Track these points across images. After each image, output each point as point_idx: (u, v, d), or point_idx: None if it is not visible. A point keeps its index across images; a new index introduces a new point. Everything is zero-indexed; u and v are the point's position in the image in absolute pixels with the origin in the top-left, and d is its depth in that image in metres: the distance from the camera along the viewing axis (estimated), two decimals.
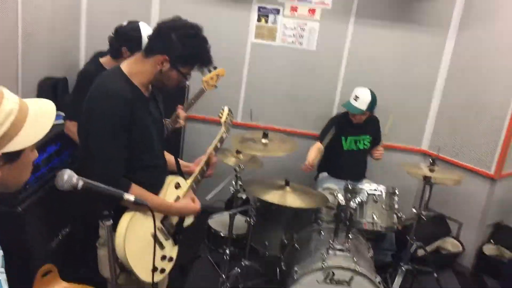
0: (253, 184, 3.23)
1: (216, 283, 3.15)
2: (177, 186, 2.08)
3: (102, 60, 2.91)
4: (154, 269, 1.77)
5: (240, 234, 3.57)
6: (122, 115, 1.75)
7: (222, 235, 3.58)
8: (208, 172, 2.29)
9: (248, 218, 3.24)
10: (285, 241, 3.28)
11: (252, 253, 3.43)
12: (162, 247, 1.97)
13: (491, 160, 3.77)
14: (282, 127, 4.21)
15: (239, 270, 3.23)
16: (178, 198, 2.08)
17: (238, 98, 4.25)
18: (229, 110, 2.53)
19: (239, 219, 3.63)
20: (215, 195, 3.45)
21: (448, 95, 4.05)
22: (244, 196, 3.95)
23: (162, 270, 1.97)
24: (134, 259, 1.81)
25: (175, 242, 2.07)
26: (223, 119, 2.46)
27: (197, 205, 2.11)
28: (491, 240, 4.03)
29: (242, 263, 3.26)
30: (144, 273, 1.84)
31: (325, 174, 4.00)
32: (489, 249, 3.98)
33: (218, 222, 3.73)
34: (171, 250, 2.05)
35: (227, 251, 3.22)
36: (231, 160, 3.33)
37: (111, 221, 1.45)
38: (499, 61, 3.68)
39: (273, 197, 3.04)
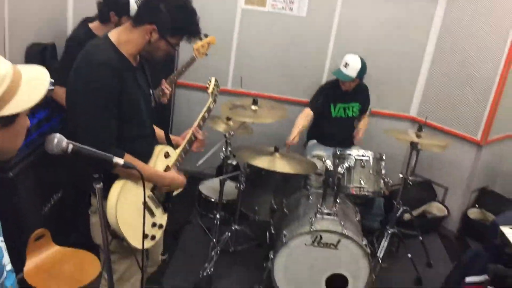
0: (243, 150, 3.27)
1: (207, 247, 3.23)
2: (167, 155, 2.10)
3: (91, 25, 2.89)
4: (145, 236, 1.81)
5: (231, 200, 3.64)
6: (111, 85, 1.75)
7: (213, 200, 3.65)
8: (196, 146, 2.30)
9: (238, 184, 3.30)
10: (275, 206, 3.35)
11: (242, 218, 3.51)
12: (152, 214, 2.01)
13: (478, 126, 3.83)
14: (272, 94, 4.23)
15: (229, 235, 3.30)
16: (167, 167, 2.10)
17: (228, 65, 4.24)
18: (216, 80, 2.53)
19: (230, 185, 3.70)
20: (206, 161, 3.48)
21: (437, 62, 4.06)
22: (234, 163, 4.01)
23: (153, 237, 2.02)
24: (126, 227, 1.85)
25: (165, 210, 2.11)
26: (210, 90, 2.46)
27: (183, 178, 2.14)
28: (476, 205, 4.13)
29: (232, 227, 3.34)
30: (135, 240, 1.88)
31: (314, 141, 4.05)
32: (474, 213, 4.09)
33: (209, 188, 3.80)
34: (161, 217, 2.09)
35: (218, 216, 3.29)
36: (221, 127, 3.36)
37: (101, 184, 1.48)
38: (489, 29, 3.69)
39: (262, 162, 3.08)
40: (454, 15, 3.91)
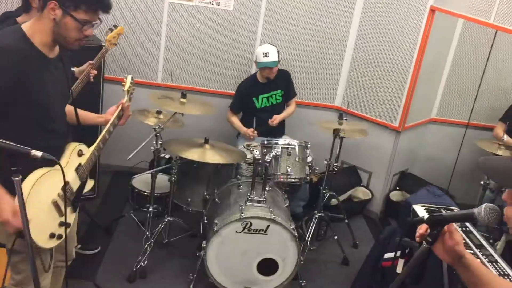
0: (174, 143, 3.32)
1: (141, 240, 3.26)
2: (80, 153, 2.03)
3: (19, 19, 2.78)
4: (52, 235, 1.79)
5: (164, 192, 3.68)
6: (5, 70, 1.72)
7: (146, 194, 3.67)
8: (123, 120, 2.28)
9: (170, 176, 3.35)
10: (207, 196, 3.43)
11: (176, 209, 3.56)
12: (61, 213, 1.92)
13: (396, 113, 4.09)
14: (202, 88, 4.28)
15: (163, 226, 3.35)
16: (79, 165, 2.01)
17: (158, 59, 4.24)
18: (132, 79, 2.44)
19: (162, 178, 3.73)
20: (138, 156, 3.49)
21: (359, 52, 4.28)
22: (167, 156, 4.05)
23: (59, 236, 1.91)
24: (32, 225, 1.70)
25: (74, 209, 2.03)
26: (126, 87, 2.37)
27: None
28: (397, 187, 4.42)
29: (166, 219, 3.38)
30: (41, 239, 1.80)
31: None
32: (395, 195, 4.38)
33: (141, 182, 3.81)
34: (69, 216, 1.97)
35: (151, 209, 3.32)
36: (151, 120, 3.38)
37: (20, 176, 1.48)
38: (404, 20, 3.94)
39: (193, 154, 3.15)
40: (372, 4, 4.12)
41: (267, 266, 3.02)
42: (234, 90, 4.16)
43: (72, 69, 2.97)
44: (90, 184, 2.13)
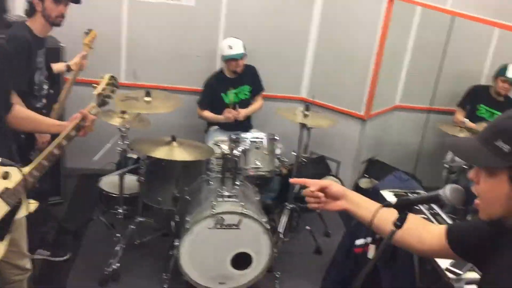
0: (141, 142, 3.27)
1: (112, 243, 3.20)
2: (5, 176, 1.84)
3: (28, 23, 2.86)
4: None
5: (133, 193, 3.62)
6: None
7: (115, 195, 3.61)
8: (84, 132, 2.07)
9: (138, 176, 3.30)
10: (177, 194, 3.39)
11: (146, 210, 3.52)
12: None
13: (360, 102, 4.15)
14: (167, 85, 4.23)
15: (134, 227, 3.30)
16: (6, 189, 1.84)
17: (119, 57, 4.17)
18: (113, 78, 2.18)
19: (131, 179, 3.67)
20: (105, 158, 3.44)
21: (321, 43, 4.32)
22: (135, 156, 3.99)
23: None
24: None
25: (1, 238, 1.88)
26: (97, 90, 2.13)
27: None
28: (365, 175, 4.50)
29: (137, 220, 3.34)
30: None
31: (215, 127, 4.14)
32: (364, 183, 4.44)
33: (110, 183, 3.74)
34: None
35: (120, 211, 3.27)
36: (115, 121, 3.31)
37: None
38: (364, 10, 4.00)
39: (161, 153, 3.11)
40: None
41: (241, 260, 3.02)
42: (199, 86, 4.13)
43: (67, 63, 3.29)
44: (31, 206, 1.95)
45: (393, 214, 1.29)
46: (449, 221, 2.57)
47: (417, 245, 1.45)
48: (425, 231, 1.46)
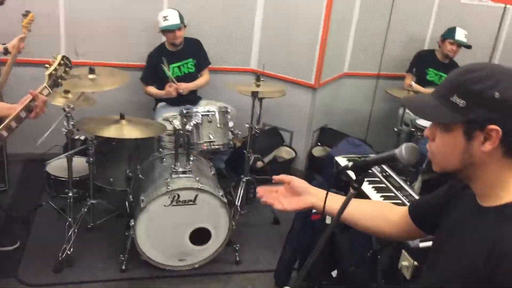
0: (88, 122, 3.14)
1: (63, 228, 3.08)
2: None
3: None
4: None
5: (83, 175, 3.50)
6: None
7: (63, 179, 3.47)
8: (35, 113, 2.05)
9: (87, 158, 3.18)
10: (130, 174, 3.31)
11: (99, 191, 3.41)
12: None
13: (310, 70, 4.15)
14: (112, 62, 4.06)
15: (86, 210, 3.20)
16: None
17: (59, 35, 3.95)
18: (65, 58, 2.15)
19: (80, 161, 3.54)
20: (51, 141, 3.29)
21: (269, 13, 4.24)
22: (82, 137, 3.84)
23: None
24: None
25: None
26: (49, 70, 2.09)
27: None
28: (318, 143, 4.54)
29: (89, 203, 3.23)
30: None
31: (163, 103, 4.04)
32: (318, 151, 4.49)
33: (57, 167, 3.59)
34: None
35: (70, 194, 3.15)
36: (59, 101, 3.15)
37: None
38: None
39: (109, 132, 3.01)
40: None
41: (200, 236, 3.00)
42: (145, 61, 3.99)
43: (5, 45, 3.16)
44: None
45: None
46: (401, 183, 2.63)
47: (387, 229, 1.46)
48: (390, 213, 1.48)
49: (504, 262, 0.97)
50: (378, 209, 1.52)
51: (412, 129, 4.03)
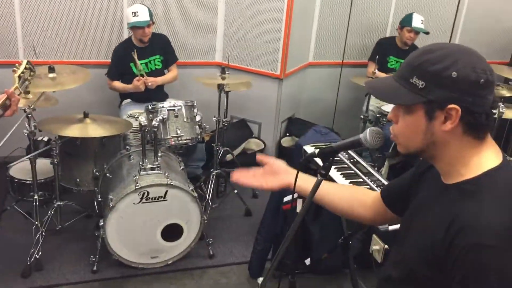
0: (50, 122, 3.07)
1: (31, 231, 3.00)
2: None
3: None
4: None
5: (48, 177, 3.41)
6: None
7: (27, 182, 3.38)
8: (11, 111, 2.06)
9: (52, 159, 3.10)
10: (97, 173, 3.24)
11: (65, 193, 3.34)
12: None
13: (276, 61, 4.15)
14: (73, 60, 3.97)
15: (53, 213, 3.12)
16: None
17: (15, 33, 3.83)
18: (29, 63, 2.26)
19: (44, 162, 3.45)
20: (12, 143, 3.19)
21: (232, 5, 4.22)
22: (46, 138, 3.75)
23: None
24: None
25: None
26: (17, 73, 2.18)
27: None
28: (287, 133, 4.56)
29: (55, 205, 3.16)
30: None
31: (128, 100, 3.98)
32: (286, 141, 4.52)
33: (20, 170, 3.49)
34: None
35: (35, 197, 3.06)
36: (19, 102, 3.06)
37: None
38: None
39: (73, 131, 2.95)
40: None
41: (172, 232, 2.98)
42: (108, 58, 3.91)
43: None
44: None
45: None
46: (369, 168, 2.67)
47: (362, 212, 1.49)
48: (365, 196, 1.51)
49: (459, 236, 1.01)
50: (353, 192, 1.55)
51: (378, 115, 4.10)
